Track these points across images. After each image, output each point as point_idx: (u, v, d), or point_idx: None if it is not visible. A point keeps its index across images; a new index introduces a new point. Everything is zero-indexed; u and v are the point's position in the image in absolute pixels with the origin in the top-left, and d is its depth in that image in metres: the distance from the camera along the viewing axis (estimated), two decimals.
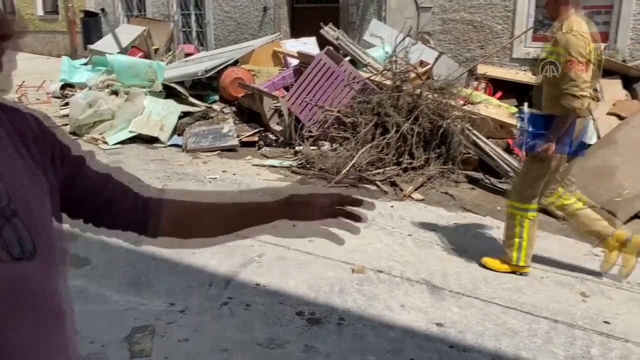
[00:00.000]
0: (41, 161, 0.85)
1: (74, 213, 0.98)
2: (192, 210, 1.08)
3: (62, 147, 0.91)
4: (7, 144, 0.79)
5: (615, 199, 4.41)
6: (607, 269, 3.50)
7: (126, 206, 1.00)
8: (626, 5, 7.54)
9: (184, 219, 1.06)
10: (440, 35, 8.75)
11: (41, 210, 0.81)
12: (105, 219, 1.00)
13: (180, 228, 1.07)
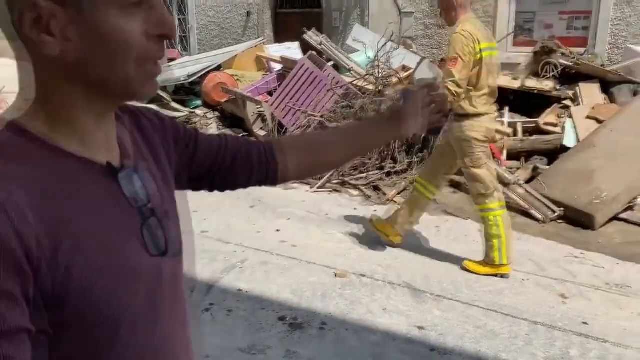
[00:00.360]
0: (166, 154, 0.88)
1: (201, 184, 1.00)
2: (314, 144, 1.09)
3: (177, 129, 0.93)
4: (137, 144, 0.82)
5: (594, 201, 4.47)
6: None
7: (251, 159, 1.01)
8: (604, 10, 7.68)
9: (309, 155, 1.07)
10: (422, 40, 8.82)
11: (170, 209, 0.83)
12: (232, 178, 1.01)
13: (307, 166, 1.08)
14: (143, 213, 0.75)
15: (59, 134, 0.69)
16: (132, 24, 0.66)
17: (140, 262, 0.72)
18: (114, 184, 0.72)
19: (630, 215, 4.57)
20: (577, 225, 4.44)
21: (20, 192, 0.61)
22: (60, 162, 0.67)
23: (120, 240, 0.70)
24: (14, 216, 0.59)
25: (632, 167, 4.67)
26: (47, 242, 0.61)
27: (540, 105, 6.33)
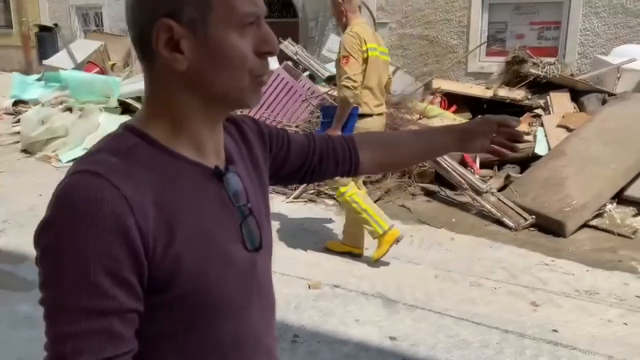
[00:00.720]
0: (263, 157, 0.97)
1: (292, 180, 1.11)
2: (389, 143, 1.19)
3: (271, 133, 1.03)
4: (240, 151, 0.92)
5: (565, 209, 4.54)
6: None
7: (336, 155, 1.11)
8: (573, 21, 7.86)
9: (386, 154, 1.17)
10: (397, 50, 8.91)
11: (264, 209, 0.92)
12: (319, 174, 1.11)
13: (380, 163, 1.18)
14: (243, 212, 0.84)
15: (178, 141, 0.78)
16: (246, 43, 0.76)
17: (238, 256, 0.81)
18: (220, 185, 0.82)
19: (600, 222, 4.65)
20: (548, 233, 4.50)
21: (144, 192, 0.71)
22: (178, 166, 0.77)
23: (223, 235, 0.79)
24: (137, 213, 0.69)
25: (600, 174, 4.76)
26: (162, 237, 0.71)
27: (512, 113, 6.40)
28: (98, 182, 0.68)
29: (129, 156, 0.73)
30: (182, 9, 0.73)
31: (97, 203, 0.67)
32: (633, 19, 7.63)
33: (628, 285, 3.64)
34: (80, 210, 0.66)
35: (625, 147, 4.93)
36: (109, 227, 0.66)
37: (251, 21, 0.75)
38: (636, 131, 5.05)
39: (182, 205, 0.75)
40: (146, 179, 0.72)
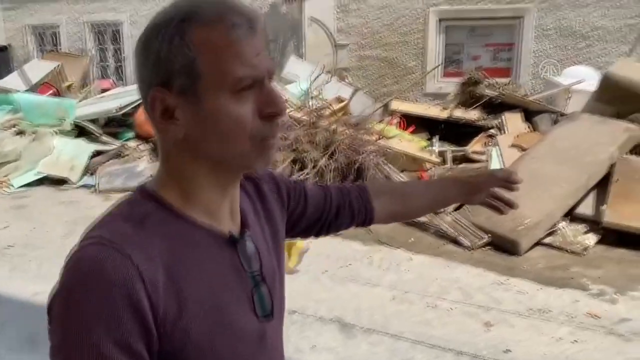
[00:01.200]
0: (281, 213, 0.97)
1: (309, 233, 1.10)
2: (401, 193, 1.23)
3: (289, 188, 1.02)
4: (256, 209, 0.91)
5: (518, 227, 4.64)
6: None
7: (352, 207, 1.12)
8: (526, 43, 8.12)
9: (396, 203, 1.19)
10: (357, 72, 9.02)
11: (278, 270, 0.91)
12: (336, 226, 1.12)
13: (393, 213, 1.19)
14: (255, 279, 0.83)
15: (190, 206, 0.78)
16: (244, 106, 0.73)
17: (247, 325, 0.80)
18: (233, 251, 0.81)
19: (553, 239, 4.76)
20: (503, 251, 4.58)
21: (156, 262, 0.70)
22: (191, 233, 0.76)
23: (234, 304, 0.79)
24: (148, 284, 0.68)
25: (552, 193, 4.89)
26: (172, 308, 0.70)
27: (469, 133, 6.58)
28: (110, 253, 0.68)
29: (143, 224, 0.73)
30: (173, 79, 0.72)
31: (109, 274, 0.67)
32: (582, 41, 7.93)
33: (578, 302, 3.73)
34: (92, 281, 0.67)
35: (575, 166, 5.09)
36: (120, 298, 0.66)
37: (247, 85, 0.73)
38: (585, 150, 5.22)
39: (194, 274, 0.74)
40: (159, 248, 0.72)
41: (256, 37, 0.74)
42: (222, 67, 0.72)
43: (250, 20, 0.73)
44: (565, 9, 7.91)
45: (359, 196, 1.13)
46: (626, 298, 3.80)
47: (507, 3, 8.14)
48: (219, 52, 0.71)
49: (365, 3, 8.89)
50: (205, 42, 0.71)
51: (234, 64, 0.72)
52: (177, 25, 0.71)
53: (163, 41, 0.71)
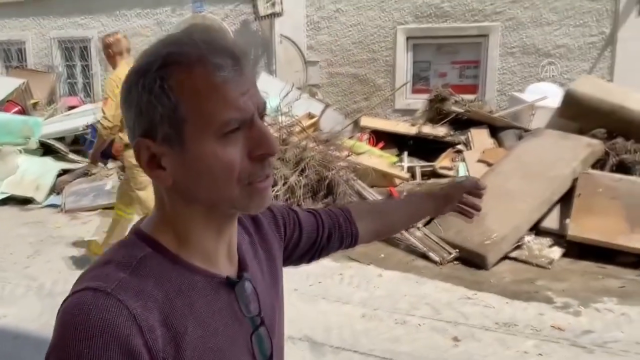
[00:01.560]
0: (278, 245, 0.97)
1: (303, 260, 1.11)
2: (379, 212, 1.24)
3: (284, 218, 1.02)
4: (253, 244, 0.90)
5: (486, 242, 4.72)
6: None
7: (342, 231, 1.13)
8: (491, 60, 8.32)
9: (379, 223, 1.21)
10: (328, 88, 9.10)
11: (278, 314, 0.90)
12: (326, 251, 1.13)
13: (374, 232, 1.21)
14: (254, 322, 0.82)
15: (186, 250, 0.76)
16: (231, 150, 0.70)
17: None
18: (231, 294, 0.79)
19: (519, 253, 4.86)
20: (471, 266, 4.65)
21: (153, 309, 0.69)
22: (188, 277, 0.75)
23: (231, 348, 0.77)
24: (146, 333, 0.67)
25: (517, 207, 5.00)
26: (170, 356, 0.69)
27: (437, 149, 6.69)
28: (106, 302, 0.66)
29: (138, 270, 0.71)
30: (155, 128, 0.70)
31: (105, 325, 0.64)
32: (544, 58, 8.17)
33: (544, 315, 3.80)
34: (88, 333, 0.64)
35: (539, 181, 5.21)
36: (119, 351, 0.64)
37: (234, 128, 0.70)
38: (548, 165, 5.36)
39: (191, 320, 0.72)
40: (155, 295, 0.70)
41: (242, 76, 0.70)
42: (206, 112, 0.69)
43: (234, 58, 0.70)
44: (529, 27, 8.14)
45: (345, 219, 1.14)
46: (589, 310, 3.89)
47: (473, 21, 8.35)
48: (202, 97, 0.69)
49: (336, 21, 9.00)
50: (187, 87, 0.69)
51: (217, 107, 0.69)
52: (157, 71, 0.69)
53: (143, 90, 0.70)
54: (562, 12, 7.98)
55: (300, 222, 1.06)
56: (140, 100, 0.70)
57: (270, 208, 0.99)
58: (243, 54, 0.72)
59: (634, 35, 7.65)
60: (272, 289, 0.91)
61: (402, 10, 8.63)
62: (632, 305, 3.97)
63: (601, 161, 5.60)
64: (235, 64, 0.70)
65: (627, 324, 3.68)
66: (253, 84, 0.73)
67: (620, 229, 4.77)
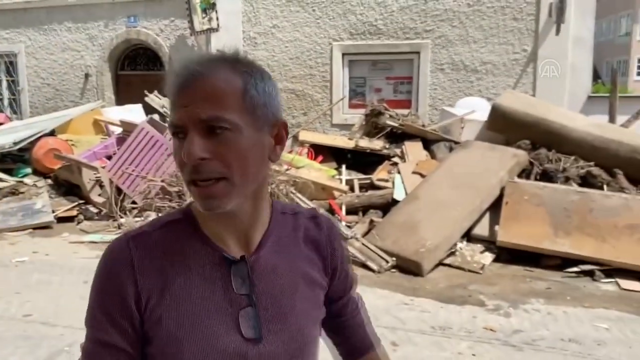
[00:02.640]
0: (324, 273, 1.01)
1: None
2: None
3: (344, 268, 1.05)
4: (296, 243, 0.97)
5: (420, 250, 4.88)
6: None
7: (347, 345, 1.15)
8: (423, 76, 8.67)
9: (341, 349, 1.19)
10: None
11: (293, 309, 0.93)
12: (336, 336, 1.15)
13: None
14: (242, 301, 0.89)
15: (205, 223, 0.90)
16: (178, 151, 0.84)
17: (225, 341, 0.87)
18: (228, 271, 0.90)
19: (453, 260, 5.06)
20: (407, 273, 4.79)
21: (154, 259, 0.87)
22: (196, 245, 0.89)
23: (214, 316, 0.87)
24: (137, 271, 0.86)
25: (449, 216, 5.21)
26: (154, 298, 0.85)
27: (374, 162, 6.86)
28: (120, 243, 0.88)
29: (161, 229, 0.90)
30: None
31: (110, 257, 0.87)
32: (472, 74, 8.59)
33: (476, 318, 3.97)
34: (101, 261, 0.88)
35: (470, 190, 5.45)
36: (112, 282, 0.85)
37: (175, 132, 0.84)
38: (477, 176, 5.62)
39: (183, 279, 0.87)
40: (163, 250, 0.88)
41: (189, 90, 0.81)
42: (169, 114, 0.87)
43: (190, 74, 0.82)
44: (457, 45, 8.55)
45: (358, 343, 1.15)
46: (518, 311, 4.10)
47: (405, 39, 8.67)
48: (168, 103, 0.88)
49: (272, 37, 9.10)
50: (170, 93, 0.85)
51: (170, 113, 0.85)
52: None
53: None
54: (488, 31, 8.44)
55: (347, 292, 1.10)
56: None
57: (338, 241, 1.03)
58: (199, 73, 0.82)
59: (553, 53, 8.19)
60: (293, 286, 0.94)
61: (338, 27, 8.85)
62: (557, 305, 4.22)
63: (526, 170, 5.93)
64: (187, 79, 0.82)
65: (552, 323, 3.90)
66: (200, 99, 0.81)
67: (545, 233, 5.07)
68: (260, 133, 0.86)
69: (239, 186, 0.84)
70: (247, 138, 0.84)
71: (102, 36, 10.32)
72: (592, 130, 6.10)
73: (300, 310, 0.94)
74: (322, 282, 1.00)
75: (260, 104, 0.86)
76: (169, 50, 9.98)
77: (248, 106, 0.84)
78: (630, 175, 5.80)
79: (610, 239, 4.96)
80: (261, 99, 0.86)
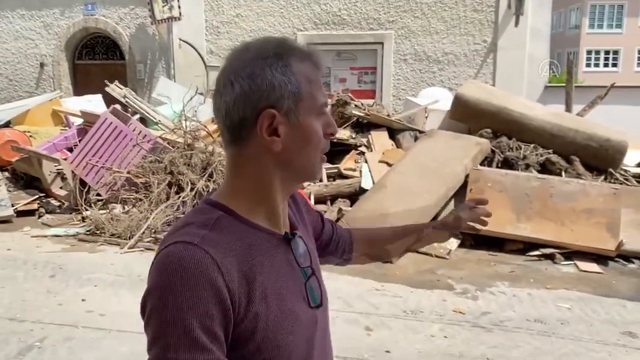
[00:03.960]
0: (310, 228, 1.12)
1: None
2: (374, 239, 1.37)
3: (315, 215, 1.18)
4: (297, 217, 1.05)
5: None
6: None
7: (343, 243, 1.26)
8: (386, 67, 8.76)
9: (370, 247, 1.34)
10: None
11: (320, 271, 1.03)
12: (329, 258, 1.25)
13: (367, 255, 1.35)
14: (306, 272, 0.96)
15: (253, 214, 0.91)
16: (319, 126, 0.92)
17: (303, 312, 0.93)
18: (288, 248, 0.95)
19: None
20: (377, 260, 4.87)
21: (231, 257, 0.84)
22: (255, 234, 0.90)
23: (291, 294, 0.91)
24: (226, 275, 0.82)
25: (416, 204, 5.32)
26: (244, 297, 0.83)
27: (341, 151, 6.91)
28: (195, 251, 0.81)
29: (216, 228, 0.87)
30: (282, 101, 0.88)
31: (194, 267, 0.80)
32: (434, 65, 8.75)
33: (446, 301, 4.09)
34: (179, 274, 0.79)
35: (436, 178, 5.58)
36: (205, 288, 0.79)
37: (325, 109, 0.93)
38: (442, 164, 5.75)
39: (259, 269, 0.87)
40: (231, 247, 0.86)
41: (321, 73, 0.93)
42: (314, 94, 0.90)
43: (319, 59, 0.92)
44: (419, 36, 8.68)
45: (348, 238, 1.28)
46: (485, 294, 4.25)
47: (369, 29, 8.74)
48: (311, 83, 0.90)
49: (236, 26, 9.02)
50: (304, 74, 0.89)
51: (319, 93, 0.91)
52: (284, 59, 0.88)
53: (275, 71, 0.87)
54: (449, 22, 8.60)
55: (323, 219, 1.22)
56: (274, 79, 0.87)
57: (305, 199, 1.17)
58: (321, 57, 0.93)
59: (512, 44, 8.42)
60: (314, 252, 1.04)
61: (302, 17, 8.84)
62: (521, 287, 4.39)
63: (488, 158, 6.11)
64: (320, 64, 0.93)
65: (518, 304, 4.07)
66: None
67: (508, 219, 5.25)
68: None
69: None
70: None
71: (58, 24, 9.98)
72: (550, 119, 6.32)
73: (320, 269, 1.05)
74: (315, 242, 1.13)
75: None
76: (129, 39, 9.74)
77: None
78: (586, 161, 6.06)
79: (569, 223, 5.18)
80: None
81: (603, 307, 4.05)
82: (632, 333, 3.62)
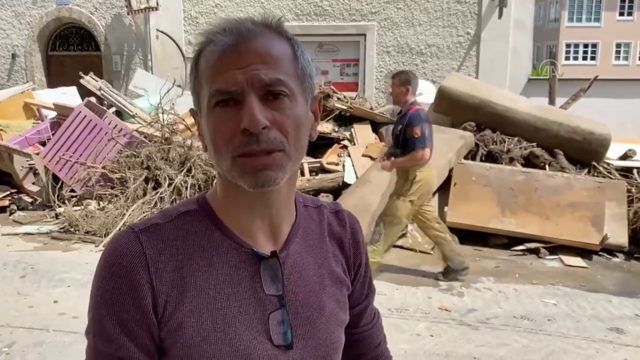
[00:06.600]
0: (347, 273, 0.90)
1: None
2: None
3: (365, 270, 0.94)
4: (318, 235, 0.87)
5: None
6: None
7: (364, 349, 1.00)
8: (369, 59, 8.65)
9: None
10: None
11: (322, 311, 0.83)
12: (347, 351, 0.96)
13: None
14: (272, 302, 0.78)
15: (226, 215, 0.79)
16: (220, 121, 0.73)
17: (253, 348, 0.76)
18: (257, 268, 0.78)
19: (404, 242, 5.09)
20: None
21: (169, 255, 0.74)
22: (217, 239, 0.77)
23: (239, 318, 0.76)
24: (153, 272, 0.73)
25: None
26: (172, 301, 0.73)
27: (323, 145, 6.79)
28: (128, 238, 0.74)
29: (175, 221, 0.77)
30: (196, 98, 0.78)
31: (119, 257, 0.73)
32: (417, 57, 8.65)
33: (431, 298, 4.01)
34: (106, 262, 0.74)
35: None
36: (124, 283, 0.72)
37: (222, 99, 0.72)
38: None
39: (204, 276, 0.75)
40: (180, 245, 0.76)
41: (244, 51, 0.72)
42: (206, 84, 0.74)
43: (244, 33, 0.72)
44: (402, 27, 8.57)
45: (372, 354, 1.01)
46: (471, 290, 4.18)
47: (351, 21, 8.61)
48: (206, 71, 0.74)
49: (215, 16, 8.81)
50: (201, 64, 0.75)
51: (211, 80, 0.73)
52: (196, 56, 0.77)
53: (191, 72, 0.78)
54: (432, 14, 8.51)
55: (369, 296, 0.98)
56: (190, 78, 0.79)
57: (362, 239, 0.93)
58: (249, 32, 0.73)
59: (495, 36, 8.36)
60: (325, 288, 0.85)
61: (283, 8, 8.68)
62: (507, 283, 4.33)
63: (472, 152, 6.04)
64: (236, 41, 0.72)
65: (504, 300, 4.00)
66: (258, 61, 0.72)
67: (493, 213, 5.19)
68: (307, 105, 0.77)
69: (292, 160, 0.74)
70: (300, 107, 0.75)
71: (30, 14, 9.66)
72: (534, 112, 6.27)
73: (329, 312, 0.84)
74: (347, 282, 0.89)
75: (307, 73, 0.77)
76: (104, 30, 9.47)
77: (299, 74, 0.75)
78: (570, 155, 6.03)
79: (554, 217, 5.14)
80: (307, 69, 0.77)
81: (589, 302, 4.01)
82: (618, 329, 3.58)
